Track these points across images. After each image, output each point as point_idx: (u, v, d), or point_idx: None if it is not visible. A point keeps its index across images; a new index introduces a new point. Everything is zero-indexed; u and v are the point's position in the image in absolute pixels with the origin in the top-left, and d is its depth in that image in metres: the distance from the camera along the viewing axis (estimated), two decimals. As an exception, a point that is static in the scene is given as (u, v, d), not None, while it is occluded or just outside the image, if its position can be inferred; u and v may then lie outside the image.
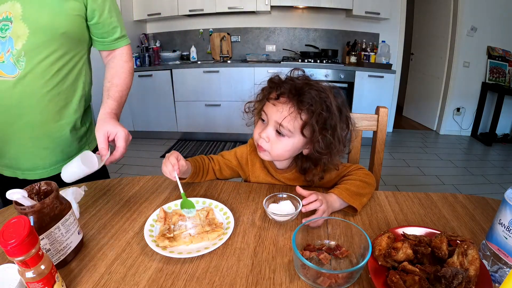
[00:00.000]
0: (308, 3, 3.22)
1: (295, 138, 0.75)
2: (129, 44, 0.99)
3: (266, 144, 0.76)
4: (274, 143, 0.76)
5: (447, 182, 2.63)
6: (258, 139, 0.78)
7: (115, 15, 0.91)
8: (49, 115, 0.85)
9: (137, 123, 3.53)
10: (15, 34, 0.76)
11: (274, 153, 0.77)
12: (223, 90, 3.29)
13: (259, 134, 0.77)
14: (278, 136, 0.75)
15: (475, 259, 0.49)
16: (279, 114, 0.73)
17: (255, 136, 0.80)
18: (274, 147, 0.76)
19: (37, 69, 0.80)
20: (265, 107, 0.77)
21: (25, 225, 0.43)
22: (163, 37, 3.80)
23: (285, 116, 0.72)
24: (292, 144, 0.76)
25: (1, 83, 0.77)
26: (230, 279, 0.54)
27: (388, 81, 3.18)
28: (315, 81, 0.76)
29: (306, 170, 0.82)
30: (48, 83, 0.83)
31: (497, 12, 3.36)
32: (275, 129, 0.75)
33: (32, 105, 0.82)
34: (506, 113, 3.48)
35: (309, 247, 0.60)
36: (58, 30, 0.80)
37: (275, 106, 0.74)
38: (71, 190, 0.73)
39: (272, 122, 0.75)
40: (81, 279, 0.55)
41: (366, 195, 0.77)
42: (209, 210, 0.73)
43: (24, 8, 0.76)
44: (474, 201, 0.80)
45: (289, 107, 0.72)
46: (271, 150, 0.77)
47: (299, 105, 0.71)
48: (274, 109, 0.74)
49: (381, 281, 0.51)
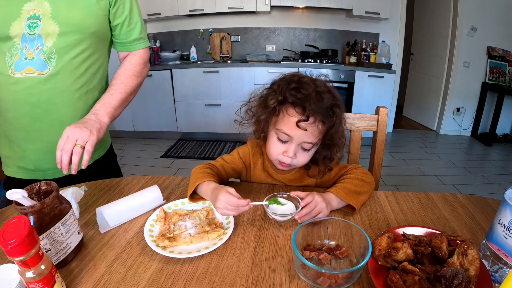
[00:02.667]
0: (308, 3, 3.22)
1: (317, 146, 0.77)
2: (147, 47, 0.99)
3: (292, 161, 0.75)
4: (300, 157, 0.76)
5: (447, 182, 2.63)
6: (281, 158, 0.76)
7: (136, 15, 0.92)
8: (77, 112, 0.86)
9: (137, 123, 3.52)
10: (45, 31, 0.77)
11: (299, 164, 0.78)
12: (223, 90, 3.29)
13: (284, 154, 0.74)
14: (304, 151, 0.75)
15: (475, 259, 0.49)
16: (309, 135, 0.71)
17: (275, 156, 0.77)
18: (300, 160, 0.76)
19: (68, 66, 0.81)
20: (286, 128, 0.72)
21: (25, 225, 0.43)
22: (163, 37, 3.80)
23: (317, 137, 0.73)
24: (314, 151, 0.77)
25: (31, 80, 0.78)
26: (230, 279, 0.54)
27: (388, 81, 3.18)
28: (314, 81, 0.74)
29: (310, 166, 0.83)
30: (78, 81, 0.84)
31: (497, 12, 3.36)
32: (301, 146, 0.74)
33: (62, 102, 0.83)
34: (506, 113, 3.48)
35: (309, 247, 0.60)
36: (89, 29, 0.82)
37: (306, 129, 0.70)
38: (71, 190, 0.73)
39: (298, 141, 0.73)
40: (81, 279, 0.55)
41: (364, 193, 0.77)
42: (209, 210, 0.73)
43: (53, 7, 0.77)
44: (474, 201, 0.80)
45: (317, 126, 0.71)
46: (297, 163, 0.77)
47: (324, 121, 0.71)
48: (303, 132, 0.70)
49: (381, 281, 0.51)
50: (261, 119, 0.77)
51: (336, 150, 0.78)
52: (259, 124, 0.78)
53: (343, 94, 3.21)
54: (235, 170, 0.89)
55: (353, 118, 1.03)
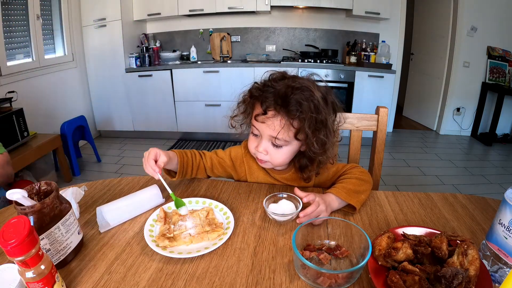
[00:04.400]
0: (308, 3, 3.22)
1: (291, 145, 0.76)
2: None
3: (265, 157, 0.77)
4: (273, 154, 0.76)
5: (447, 182, 2.63)
6: (255, 153, 0.78)
7: None
8: None
9: (137, 123, 3.52)
10: None
11: (275, 162, 0.78)
12: (223, 90, 3.29)
13: (255, 149, 0.77)
14: (275, 147, 0.75)
15: (475, 259, 0.49)
16: (271, 129, 0.72)
17: (252, 150, 0.79)
18: (274, 157, 0.77)
19: None
20: (255, 123, 0.75)
21: (25, 225, 0.43)
22: (163, 37, 3.79)
23: (278, 131, 0.71)
24: (290, 150, 0.77)
25: None
26: (230, 279, 0.54)
27: (388, 81, 3.18)
28: (293, 78, 0.73)
29: (303, 168, 0.82)
30: None
31: (497, 12, 3.36)
32: (271, 141, 0.75)
33: None
34: (506, 113, 3.48)
35: (309, 247, 0.60)
36: None
37: (264, 122, 0.72)
38: (71, 190, 0.73)
39: (266, 136, 0.74)
40: (81, 279, 0.55)
41: (363, 192, 0.77)
42: (209, 210, 0.73)
43: None
44: (474, 201, 0.80)
45: (279, 120, 0.70)
46: (272, 160, 0.77)
47: (288, 115, 0.69)
48: (264, 126, 0.72)
49: (381, 281, 0.51)
50: (240, 114, 0.80)
51: (320, 152, 0.74)
52: (242, 119, 0.81)
53: (343, 94, 3.21)
54: (222, 166, 0.90)
55: (353, 118, 1.03)
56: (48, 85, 2.90)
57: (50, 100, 2.92)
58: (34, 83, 2.73)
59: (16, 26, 2.56)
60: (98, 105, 3.52)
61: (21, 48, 2.64)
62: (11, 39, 2.52)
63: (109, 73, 3.36)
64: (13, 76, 2.48)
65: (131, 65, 3.32)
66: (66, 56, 3.16)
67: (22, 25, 2.61)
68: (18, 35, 2.59)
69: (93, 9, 3.22)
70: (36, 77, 2.75)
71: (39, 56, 2.77)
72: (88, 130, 2.88)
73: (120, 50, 3.26)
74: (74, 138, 2.75)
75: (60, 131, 2.63)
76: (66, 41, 3.13)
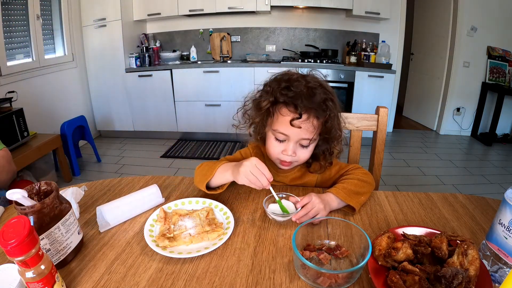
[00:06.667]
0: (308, 3, 3.21)
1: (316, 141, 0.76)
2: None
3: (293, 158, 0.76)
4: (300, 154, 0.76)
5: (447, 182, 2.63)
6: (281, 156, 0.76)
7: None
8: None
9: (137, 123, 3.52)
10: None
11: (301, 161, 0.78)
12: (223, 90, 3.29)
13: (283, 153, 0.75)
14: (302, 147, 0.75)
15: (475, 259, 0.49)
16: (308, 132, 0.71)
17: (275, 155, 0.77)
18: (300, 157, 0.76)
19: None
20: (284, 128, 0.72)
21: (25, 225, 0.43)
22: (163, 37, 3.79)
23: (313, 132, 0.72)
24: (314, 146, 0.77)
25: None
26: (230, 279, 0.54)
27: (388, 81, 3.18)
28: (303, 77, 0.74)
29: (311, 163, 0.83)
30: None
31: (497, 12, 3.35)
32: (298, 143, 0.74)
33: None
34: (506, 113, 3.48)
35: (309, 247, 0.60)
36: None
37: (301, 127, 0.70)
38: (71, 190, 0.73)
39: (295, 139, 0.73)
40: (81, 279, 0.55)
41: (364, 194, 0.77)
42: (209, 210, 0.73)
43: None
44: (474, 201, 0.80)
45: (311, 121, 0.71)
46: (298, 160, 0.77)
47: (318, 117, 0.71)
48: (298, 130, 0.71)
49: (381, 281, 0.51)
50: (256, 122, 0.78)
51: (334, 143, 0.78)
52: (255, 126, 0.79)
53: (343, 94, 3.21)
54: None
55: (353, 118, 1.03)
56: (48, 85, 2.90)
57: (50, 100, 2.92)
58: (34, 83, 2.73)
59: (16, 26, 2.55)
60: (98, 105, 3.52)
61: (21, 48, 2.64)
62: (11, 39, 2.51)
63: (109, 73, 3.36)
64: (13, 76, 2.48)
65: (131, 65, 3.32)
66: (66, 56, 3.16)
67: (22, 25, 2.61)
68: (18, 35, 2.59)
69: (93, 9, 3.23)
70: (36, 77, 2.75)
71: (39, 56, 2.77)
72: (88, 130, 2.88)
73: (120, 50, 3.26)
74: (74, 138, 2.75)
75: (60, 131, 2.63)
76: (66, 41, 3.13)
